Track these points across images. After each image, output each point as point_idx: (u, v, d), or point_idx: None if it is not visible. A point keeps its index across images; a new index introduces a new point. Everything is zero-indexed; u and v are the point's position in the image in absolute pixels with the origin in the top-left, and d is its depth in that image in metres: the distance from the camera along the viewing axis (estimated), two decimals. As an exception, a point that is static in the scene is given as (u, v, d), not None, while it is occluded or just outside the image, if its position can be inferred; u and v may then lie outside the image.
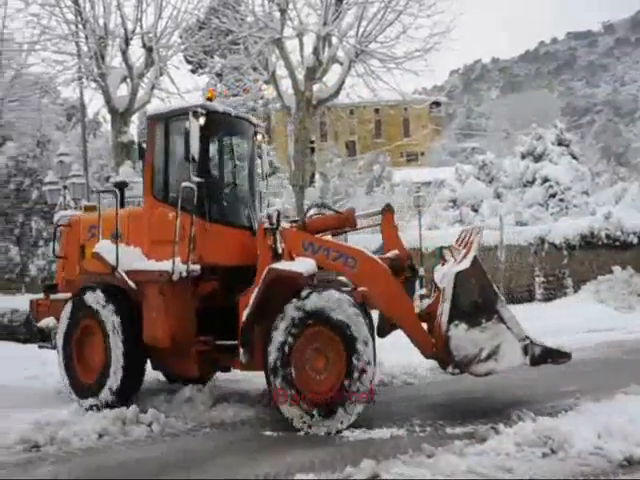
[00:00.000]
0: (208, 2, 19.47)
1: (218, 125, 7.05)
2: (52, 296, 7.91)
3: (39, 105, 21.30)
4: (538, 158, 24.43)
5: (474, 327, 5.75)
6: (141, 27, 17.83)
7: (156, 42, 17.98)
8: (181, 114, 6.77)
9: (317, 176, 23.19)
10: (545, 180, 23.53)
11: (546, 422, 5.34)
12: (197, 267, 6.58)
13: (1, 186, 16.85)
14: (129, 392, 6.76)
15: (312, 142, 16.79)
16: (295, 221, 7.50)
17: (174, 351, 6.71)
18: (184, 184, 6.44)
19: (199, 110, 6.55)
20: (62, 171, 15.75)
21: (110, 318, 6.72)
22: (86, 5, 17.24)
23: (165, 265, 6.49)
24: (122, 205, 7.53)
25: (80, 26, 17.40)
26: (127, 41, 17.53)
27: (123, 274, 6.76)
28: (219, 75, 31.53)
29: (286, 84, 16.96)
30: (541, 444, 4.98)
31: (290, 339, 5.94)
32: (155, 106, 7.94)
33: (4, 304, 14.66)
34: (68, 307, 7.14)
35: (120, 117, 17.78)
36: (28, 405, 7.18)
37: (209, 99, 7.16)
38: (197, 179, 6.49)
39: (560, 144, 24.59)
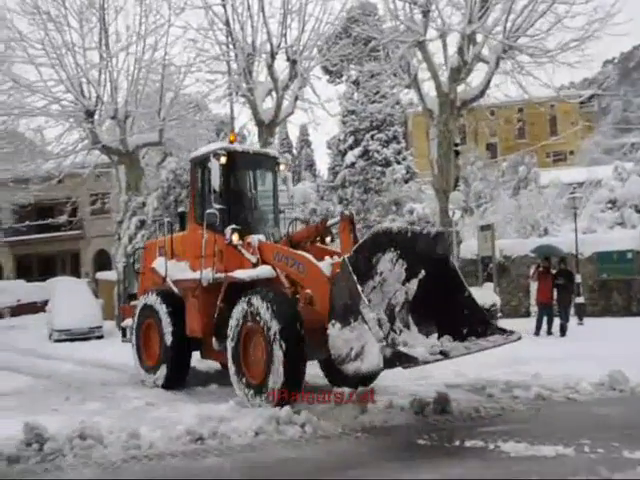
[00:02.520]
0: (347, 11, 19.83)
1: (238, 162, 8.55)
2: (132, 302, 10.30)
3: (194, 122, 23.05)
4: None
5: (345, 327, 6.04)
6: (285, 41, 18.62)
7: (299, 54, 18.65)
8: (208, 156, 8.32)
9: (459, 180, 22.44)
10: None
11: None
12: (222, 275, 7.94)
13: (163, 198, 18.37)
14: (177, 373, 8.58)
15: (457, 145, 16.26)
16: (288, 234, 8.79)
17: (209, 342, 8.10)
18: (208, 210, 8.05)
19: (219, 152, 8.17)
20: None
21: (164, 315, 8.55)
22: (236, 26, 18.41)
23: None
24: (183, 229, 9.41)
25: (230, 46, 18.61)
26: (273, 56, 18.39)
27: (170, 282, 8.68)
28: (356, 83, 31.99)
29: (428, 87, 16.65)
30: None
31: (237, 331, 7.32)
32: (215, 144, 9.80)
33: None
34: (138, 308, 9.27)
35: (266, 128, 18.66)
36: (193, 399, 7.78)
37: (231, 142, 8.69)
38: (218, 206, 8.03)
39: None
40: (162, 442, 5.83)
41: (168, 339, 8.48)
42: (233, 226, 8.02)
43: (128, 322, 10.26)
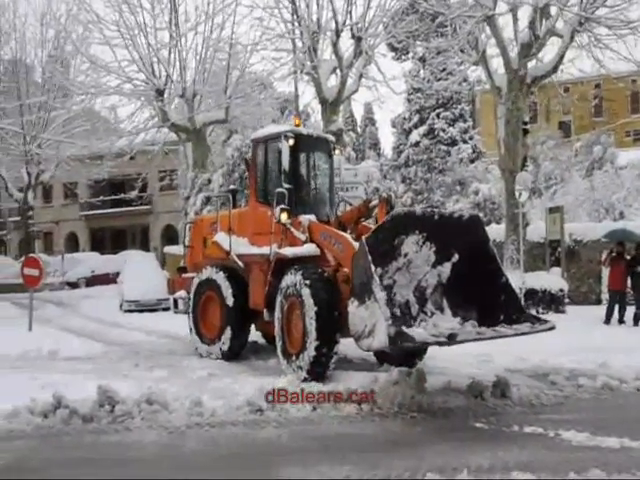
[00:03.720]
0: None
1: (302, 144, 8.85)
2: (183, 275, 10.64)
3: (259, 100, 23.33)
4: None
5: (361, 305, 6.18)
6: (351, 19, 18.48)
7: (365, 31, 18.44)
8: (275, 137, 8.74)
9: (528, 160, 21.70)
10: None
11: None
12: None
13: (228, 175, 18.78)
14: (238, 346, 8.92)
15: (525, 123, 15.67)
16: (336, 215, 9.19)
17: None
18: (278, 190, 8.25)
19: (288, 134, 8.44)
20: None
21: (227, 289, 8.82)
22: (301, 4, 18.41)
23: (264, 250, 8.39)
24: (234, 206, 9.76)
25: (296, 24, 18.64)
26: (338, 33, 18.29)
27: (234, 257, 8.88)
28: (422, 60, 31.28)
29: (496, 63, 16.07)
30: None
31: (282, 304, 7.74)
32: (261, 130, 10.04)
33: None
34: (196, 282, 9.50)
35: (330, 106, 18.64)
36: (253, 372, 8.06)
37: (297, 125, 9.13)
38: (287, 185, 8.24)
39: None
40: (223, 411, 6.06)
41: (231, 312, 8.77)
42: (282, 206, 8.24)
43: (181, 294, 10.59)
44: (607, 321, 13.23)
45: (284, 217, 8.18)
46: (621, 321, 13.26)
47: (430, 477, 4.26)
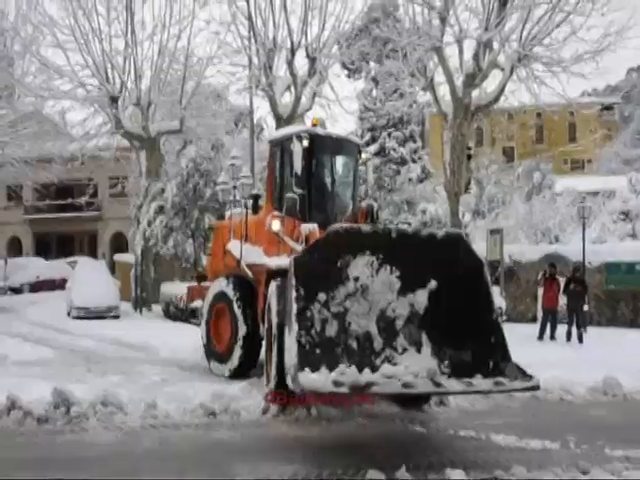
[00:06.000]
0: (368, 11, 20.14)
1: (321, 146, 8.13)
2: (202, 283, 10.04)
3: (214, 112, 23.52)
4: None
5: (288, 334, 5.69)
6: (306, 39, 19.01)
7: (319, 52, 19.03)
8: (290, 138, 7.98)
9: (472, 183, 22.78)
10: None
11: None
12: None
13: (182, 185, 18.88)
14: (250, 362, 8.16)
15: (469, 148, 16.59)
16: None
17: None
18: (288, 195, 7.69)
19: (302, 134, 7.82)
20: (233, 173, 17.25)
21: (236, 302, 8.17)
22: (258, 21, 18.83)
23: (273, 260, 7.55)
24: (256, 212, 8.98)
25: (252, 40, 19.01)
26: (293, 52, 18.80)
27: (244, 266, 8.25)
28: (375, 80, 32.23)
29: (444, 90, 16.96)
30: None
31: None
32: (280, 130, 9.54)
33: (181, 290, 16.51)
34: (210, 294, 8.83)
35: (284, 122, 19.06)
36: (206, 378, 8.27)
37: (314, 125, 8.27)
38: (299, 191, 7.69)
39: None
40: (177, 414, 6.33)
41: (241, 327, 8.09)
42: (275, 213, 7.77)
43: (198, 303, 9.90)
44: (540, 337, 14.05)
45: (275, 225, 7.59)
46: (552, 337, 14.12)
47: (371, 474, 4.62)
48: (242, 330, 8.07)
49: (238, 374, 8.03)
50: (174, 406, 6.47)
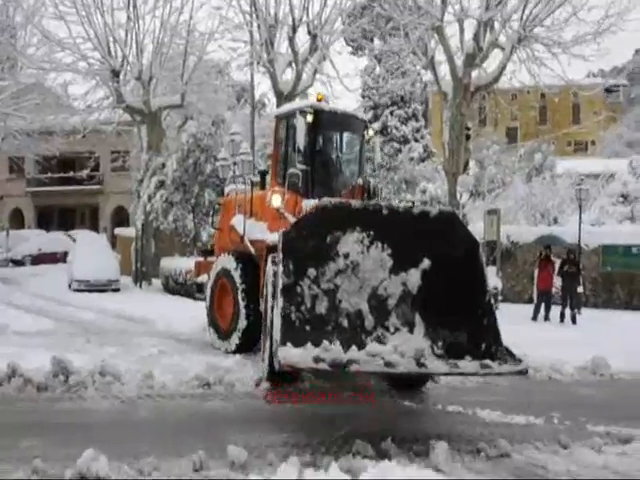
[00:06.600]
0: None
1: (325, 122, 8.01)
2: (209, 258, 9.92)
3: (215, 87, 23.47)
4: None
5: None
6: (307, 15, 18.94)
7: (320, 29, 18.93)
8: (294, 113, 7.86)
9: (472, 163, 22.78)
10: None
11: None
12: None
13: (182, 160, 18.94)
14: (251, 338, 8.00)
15: (468, 129, 16.60)
16: None
17: None
18: (290, 170, 7.59)
19: (306, 109, 7.69)
20: (233, 149, 17.30)
21: (238, 277, 8.13)
22: (260, -4, 18.68)
23: (272, 236, 7.20)
24: (263, 188, 8.90)
25: (254, 16, 18.90)
26: (294, 29, 18.71)
27: (247, 242, 8.17)
28: (378, 58, 32.00)
29: (444, 70, 16.93)
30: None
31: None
32: (285, 105, 9.30)
33: (181, 265, 16.74)
34: (214, 268, 8.78)
35: (285, 99, 19.05)
36: (202, 351, 8.45)
37: (319, 100, 8.08)
38: (302, 166, 7.56)
39: None
40: (173, 384, 6.53)
41: (242, 304, 8.08)
42: (276, 188, 7.73)
43: (204, 278, 9.80)
44: (534, 318, 14.27)
45: (276, 201, 7.47)
46: (546, 318, 14.33)
47: (358, 444, 4.78)
48: (243, 306, 8.07)
49: (240, 350, 8.02)
50: (170, 377, 6.66)
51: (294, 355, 4.89)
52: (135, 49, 20.68)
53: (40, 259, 26.80)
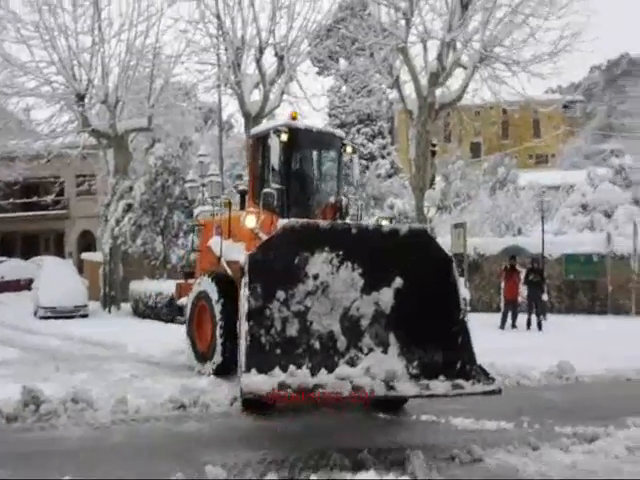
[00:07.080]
0: (335, 11, 20.39)
1: (300, 140, 7.98)
2: (189, 280, 9.82)
3: (182, 109, 23.48)
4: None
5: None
6: (274, 37, 19.16)
7: (287, 50, 19.19)
8: (268, 132, 7.84)
9: (438, 178, 23.27)
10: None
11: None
12: None
13: (150, 183, 18.84)
14: (230, 361, 7.64)
15: (434, 145, 17.02)
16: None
17: None
18: (265, 190, 7.59)
19: (281, 128, 7.64)
20: (201, 170, 17.36)
21: (215, 300, 7.96)
22: (226, 20, 18.91)
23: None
24: (243, 208, 8.74)
25: (220, 38, 19.08)
26: (261, 50, 18.93)
27: (224, 263, 8.09)
28: (344, 78, 32.54)
29: (409, 88, 17.33)
30: (656, 452, 5.00)
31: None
32: (262, 125, 9.32)
33: (150, 287, 16.58)
34: (193, 290, 8.64)
35: (252, 120, 19.18)
36: (175, 373, 8.38)
37: (293, 118, 8.09)
38: (277, 186, 7.57)
39: None
40: (147, 408, 6.44)
41: (220, 326, 7.90)
42: (251, 209, 7.70)
43: (183, 301, 9.63)
44: (502, 326, 14.61)
45: (250, 222, 7.42)
46: (513, 326, 14.68)
47: (335, 458, 4.79)
48: (221, 329, 7.89)
49: (220, 372, 7.83)
50: (144, 401, 6.57)
51: (257, 382, 4.82)
52: (101, 72, 20.63)
53: (3, 287, 26.11)
